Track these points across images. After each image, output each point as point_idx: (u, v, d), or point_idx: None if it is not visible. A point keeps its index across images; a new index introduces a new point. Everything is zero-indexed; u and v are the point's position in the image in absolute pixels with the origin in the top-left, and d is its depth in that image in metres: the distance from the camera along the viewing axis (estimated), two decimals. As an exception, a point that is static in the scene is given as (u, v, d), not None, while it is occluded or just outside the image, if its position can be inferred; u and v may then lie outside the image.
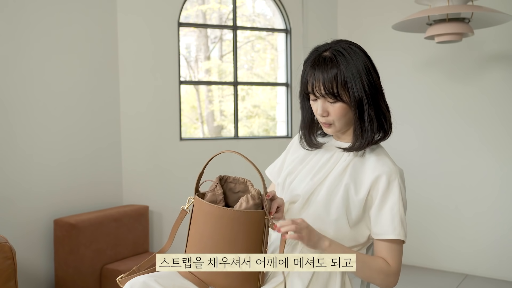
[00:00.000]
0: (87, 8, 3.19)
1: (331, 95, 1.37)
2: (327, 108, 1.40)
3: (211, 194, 1.36)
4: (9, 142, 2.85)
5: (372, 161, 1.42)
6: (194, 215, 1.35)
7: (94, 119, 3.24)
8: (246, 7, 5.67)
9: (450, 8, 2.69)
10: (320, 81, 1.37)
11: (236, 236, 1.28)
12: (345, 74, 1.35)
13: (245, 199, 1.30)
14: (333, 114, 1.40)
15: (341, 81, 1.35)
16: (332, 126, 1.42)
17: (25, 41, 2.90)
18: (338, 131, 1.45)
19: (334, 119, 1.41)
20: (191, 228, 1.35)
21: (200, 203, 1.33)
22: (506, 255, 3.41)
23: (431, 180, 3.72)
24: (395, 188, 1.38)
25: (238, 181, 1.42)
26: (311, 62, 1.41)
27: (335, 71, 1.36)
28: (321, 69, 1.37)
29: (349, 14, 4.11)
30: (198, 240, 1.33)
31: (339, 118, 1.40)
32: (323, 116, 1.41)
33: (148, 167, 3.47)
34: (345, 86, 1.35)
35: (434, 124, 3.70)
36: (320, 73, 1.37)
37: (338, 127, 1.43)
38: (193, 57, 6.12)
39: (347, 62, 1.36)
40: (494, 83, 3.46)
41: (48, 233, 3.01)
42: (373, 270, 1.37)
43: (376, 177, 1.38)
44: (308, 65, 1.41)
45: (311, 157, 1.52)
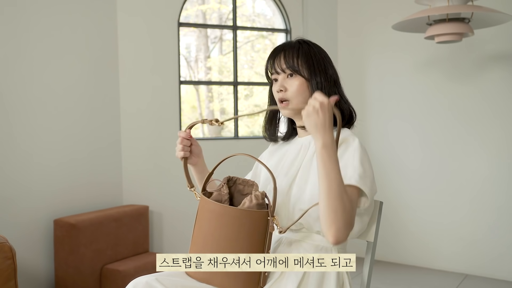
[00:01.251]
0: (87, 8, 3.19)
1: (290, 68, 1.45)
2: (285, 84, 1.46)
3: (217, 194, 1.37)
4: (9, 142, 2.85)
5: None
6: (199, 214, 1.36)
7: (94, 119, 3.24)
8: (246, 7, 5.67)
9: (450, 8, 2.69)
10: (281, 56, 1.47)
11: (237, 235, 1.28)
12: (307, 52, 1.46)
13: (249, 198, 1.31)
14: (291, 89, 1.45)
15: (303, 56, 1.45)
16: (289, 103, 1.46)
17: (25, 41, 2.90)
18: (295, 110, 1.47)
19: (291, 96, 1.46)
20: (195, 228, 1.36)
21: (205, 201, 1.34)
22: (506, 255, 3.41)
23: (431, 180, 3.72)
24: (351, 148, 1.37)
25: (247, 183, 1.43)
26: (274, 49, 1.52)
27: (297, 48, 1.47)
28: (284, 48, 1.49)
29: (349, 14, 4.11)
30: (201, 238, 1.33)
31: (297, 94, 1.45)
32: (281, 90, 1.47)
33: (148, 167, 3.47)
34: (306, 62, 1.45)
35: (433, 124, 3.70)
36: (283, 51, 1.48)
37: (295, 103, 1.46)
38: (193, 57, 6.11)
39: (309, 47, 1.48)
40: (494, 83, 3.46)
41: (48, 233, 3.01)
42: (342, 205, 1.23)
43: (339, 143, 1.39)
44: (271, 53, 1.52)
45: (284, 160, 1.54)
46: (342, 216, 1.21)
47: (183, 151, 1.49)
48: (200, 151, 1.55)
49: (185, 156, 1.50)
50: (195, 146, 1.53)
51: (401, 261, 3.88)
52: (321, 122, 1.21)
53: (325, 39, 4.11)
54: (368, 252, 1.53)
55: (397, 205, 3.86)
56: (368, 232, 1.52)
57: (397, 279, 3.53)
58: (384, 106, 3.94)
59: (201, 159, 1.55)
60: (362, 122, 4.07)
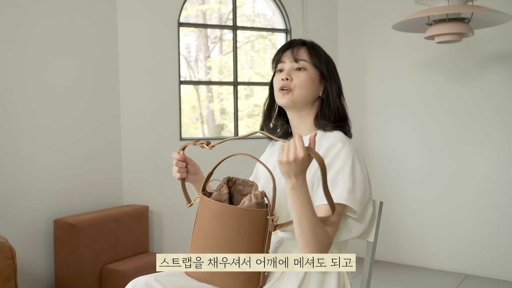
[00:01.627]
0: (87, 9, 3.19)
1: (308, 61, 1.45)
2: (293, 74, 1.46)
3: (217, 193, 1.37)
4: (9, 142, 2.85)
5: (329, 136, 1.45)
6: (199, 213, 1.36)
7: (94, 119, 3.24)
8: (246, 7, 5.67)
9: (450, 8, 2.69)
10: (300, 48, 1.48)
11: (237, 234, 1.29)
12: (324, 54, 1.49)
13: (248, 197, 1.32)
14: (297, 80, 1.45)
15: (322, 56, 1.47)
16: (290, 93, 1.45)
17: (25, 41, 2.90)
18: (293, 102, 1.45)
19: (296, 85, 1.44)
20: (195, 227, 1.36)
21: (204, 200, 1.35)
22: (506, 255, 3.41)
23: (431, 180, 3.72)
24: (342, 155, 1.36)
25: (247, 183, 1.44)
26: (291, 40, 1.53)
27: (310, 46, 1.49)
28: (304, 43, 1.51)
29: (349, 14, 4.11)
30: (201, 238, 1.33)
31: (302, 86, 1.44)
32: (286, 79, 1.45)
33: (148, 167, 3.47)
34: (323, 61, 1.46)
35: (434, 124, 3.70)
36: (303, 46, 1.50)
37: (297, 96, 1.45)
38: (193, 57, 6.12)
39: (324, 52, 1.50)
40: (494, 83, 3.46)
41: (48, 233, 3.01)
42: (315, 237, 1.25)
43: (328, 147, 1.39)
44: (287, 43, 1.52)
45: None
46: (315, 245, 1.25)
47: (179, 173, 1.49)
48: (198, 169, 1.53)
49: (181, 177, 1.49)
50: (191, 166, 1.51)
51: (401, 261, 3.89)
52: (294, 172, 1.19)
53: (325, 39, 4.11)
54: (368, 252, 1.53)
55: (397, 205, 3.86)
56: (368, 232, 1.52)
57: (397, 279, 3.53)
58: (384, 106, 3.94)
59: (199, 176, 1.54)
60: (362, 123, 4.08)
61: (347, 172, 1.34)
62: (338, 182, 1.33)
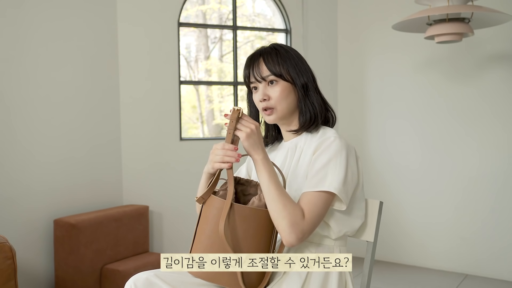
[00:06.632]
0: (87, 6, 3.19)
1: (272, 75, 1.43)
2: (268, 92, 1.45)
3: (223, 193, 1.36)
4: (10, 141, 2.85)
5: (319, 134, 1.46)
6: (204, 212, 1.34)
7: (94, 119, 3.24)
8: (246, 7, 5.67)
9: (450, 8, 2.69)
10: (259, 64, 1.45)
11: (245, 233, 1.28)
12: (285, 55, 1.44)
13: (258, 197, 1.32)
14: (274, 96, 1.44)
15: (283, 60, 1.43)
16: (274, 112, 1.45)
17: (24, 38, 2.90)
18: (280, 118, 1.46)
19: (276, 102, 1.44)
20: (199, 225, 1.34)
21: (212, 198, 1.33)
22: (506, 255, 3.41)
23: (431, 180, 3.72)
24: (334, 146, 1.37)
25: (250, 183, 1.43)
26: (250, 56, 1.49)
27: (275, 53, 1.45)
28: (261, 55, 1.46)
29: (349, 14, 4.11)
30: (207, 236, 1.31)
31: (281, 100, 1.44)
32: (264, 100, 1.45)
33: (148, 167, 3.47)
34: (289, 66, 1.43)
35: (433, 124, 3.70)
36: (261, 57, 1.45)
37: (280, 111, 1.45)
38: (193, 57, 6.11)
39: (285, 50, 1.46)
40: (494, 83, 3.46)
41: (48, 233, 3.01)
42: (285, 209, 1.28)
43: (321, 141, 1.40)
44: (248, 60, 1.49)
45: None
46: (286, 216, 1.27)
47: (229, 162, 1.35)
48: None
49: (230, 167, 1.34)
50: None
51: (401, 261, 3.89)
52: (259, 142, 1.32)
53: (325, 39, 4.11)
54: (368, 252, 1.53)
55: (397, 205, 3.86)
56: (368, 232, 1.52)
57: (397, 279, 3.53)
58: (383, 106, 3.94)
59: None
60: (362, 122, 4.07)
61: (339, 162, 1.34)
62: (328, 171, 1.34)
